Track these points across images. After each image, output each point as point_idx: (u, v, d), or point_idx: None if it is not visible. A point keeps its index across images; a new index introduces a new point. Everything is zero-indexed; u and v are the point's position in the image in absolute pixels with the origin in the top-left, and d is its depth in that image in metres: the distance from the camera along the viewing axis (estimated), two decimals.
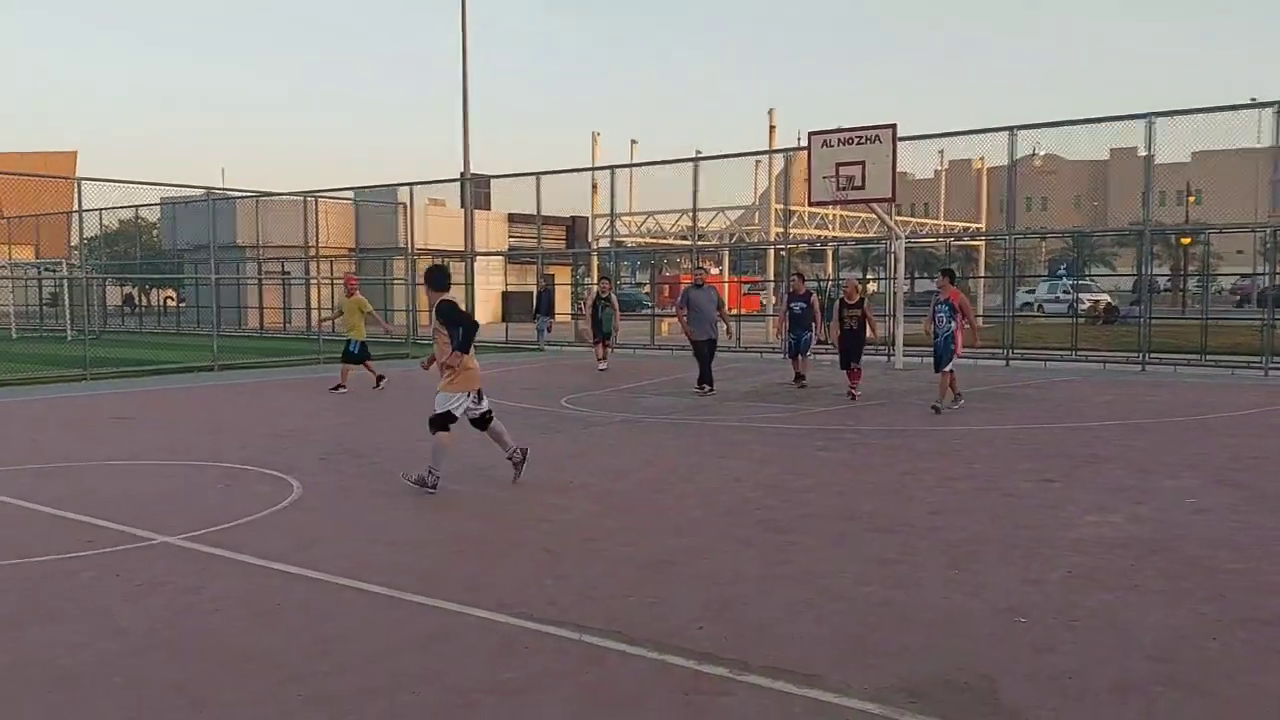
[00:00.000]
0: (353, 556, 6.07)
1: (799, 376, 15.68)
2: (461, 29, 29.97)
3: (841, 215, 34.97)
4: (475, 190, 31.43)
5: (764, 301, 32.39)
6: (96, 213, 34.39)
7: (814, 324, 15.65)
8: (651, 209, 32.06)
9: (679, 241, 32.90)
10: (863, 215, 32.98)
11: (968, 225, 42.11)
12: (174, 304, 44.23)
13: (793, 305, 15.80)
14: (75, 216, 35.51)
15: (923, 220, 45.56)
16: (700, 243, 28.51)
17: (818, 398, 14.34)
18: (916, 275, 49.96)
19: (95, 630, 4.81)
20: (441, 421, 7.93)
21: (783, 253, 28.24)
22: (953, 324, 12.50)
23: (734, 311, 25.52)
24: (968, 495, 7.79)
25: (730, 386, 15.76)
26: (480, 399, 8.14)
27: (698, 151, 26.24)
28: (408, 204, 30.12)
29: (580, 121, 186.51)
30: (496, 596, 5.27)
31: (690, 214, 26.78)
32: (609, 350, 19.81)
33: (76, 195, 22.69)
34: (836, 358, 15.09)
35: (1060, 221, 65.82)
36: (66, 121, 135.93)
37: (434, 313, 8.17)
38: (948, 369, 12.52)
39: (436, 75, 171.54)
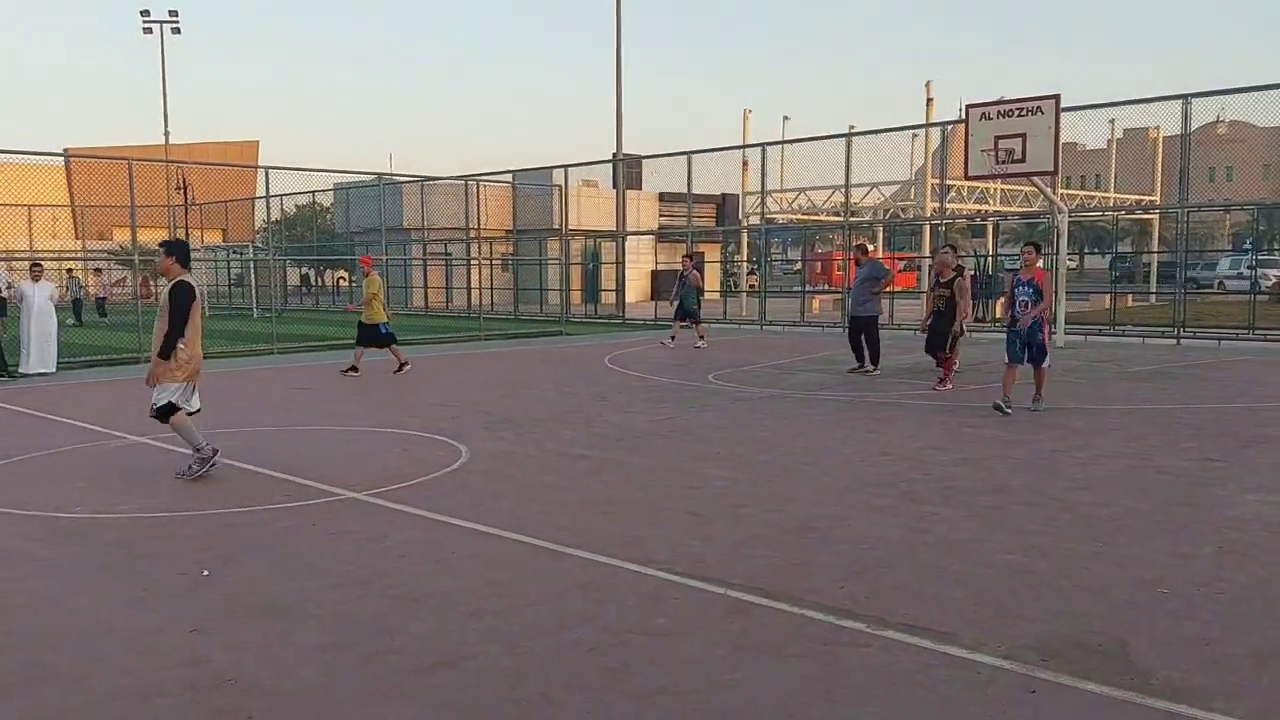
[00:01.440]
0: (516, 514, 6.58)
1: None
2: (616, 12, 30.54)
3: (1003, 189, 33.86)
4: (627, 170, 32.05)
5: (920, 279, 31.73)
6: (278, 199, 36.79)
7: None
8: (803, 185, 31.87)
9: (831, 218, 32.60)
10: (1026, 189, 31.84)
11: (1140, 198, 39.98)
12: (345, 284, 46.82)
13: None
14: (259, 202, 38.19)
15: (1091, 193, 43.52)
16: (853, 219, 28.20)
17: (970, 376, 14.15)
18: (1086, 250, 47.75)
19: (297, 570, 5.45)
20: (165, 413, 7.61)
21: (940, 228, 27.66)
22: (1038, 308, 10.64)
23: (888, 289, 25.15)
24: (1121, 472, 7.69)
25: (881, 363, 15.69)
26: (192, 394, 7.74)
27: (851, 127, 25.95)
28: (562, 185, 30.96)
29: (732, 99, 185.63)
30: (646, 553, 5.66)
31: (843, 190, 26.54)
32: (673, 339, 19.36)
33: (264, 182, 24.42)
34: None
35: (1248, 193, 61.39)
36: (249, 111, 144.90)
37: (169, 292, 7.57)
38: (1046, 364, 10.78)
39: (591, 58, 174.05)
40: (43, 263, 16.31)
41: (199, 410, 7.91)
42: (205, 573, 5.36)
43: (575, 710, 3.73)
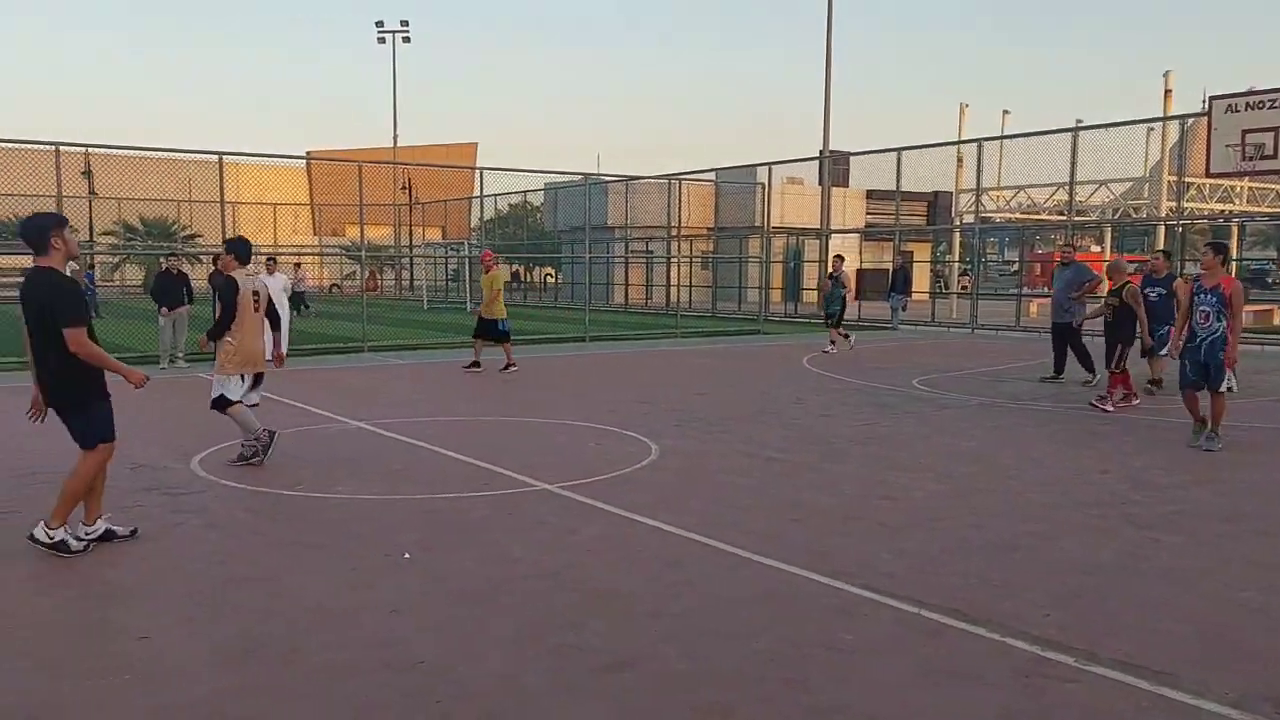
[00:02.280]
0: (702, 514, 6.54)
1: (1152, 381, 12.51)
2: (828, 8, 30.00)
3: (1250, 187, 30.95)
4: (833, 167, 31.43)
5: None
6: (492, 198, 38.46)
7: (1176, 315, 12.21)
8: (1023, 182, 30.23)
9: (1053, 217, 30.78)
10: (1278, 187, 28.96)
11: None
12: (552, 280, 48.39)
13: (1148, 291, 12.12)
14: (475, 202, 40.06)
15: None
16: (1078, 219, 26.47)
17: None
18: None
19: (492, 558, 5.62)
20: (221, 405, 7.92)
21: (1175, 229, 25.59)
22: (1222, 324, 8.79)
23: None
24: None
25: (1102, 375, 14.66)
26: (256, 385, 8.14)
27: (1078, 120, 24.30)
28: (766, 183, 30.72)
29: (947, 92, 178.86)
30: (834, 564, 5.48)
31: (1067, 187, 24.96)
32: (847, 337, 18.68)
33: (480, 183, 25.57)
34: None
35: None
36: (469, 114, 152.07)
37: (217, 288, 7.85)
38: (1223, 388, 8.88)
39: (799, 52, 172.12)
40: (276, 257, 17.67)
41: (257, 404, 8.35)
42: (406, 555, 5.62)
43: None
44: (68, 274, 5.61)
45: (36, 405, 5.66)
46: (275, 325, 8.81)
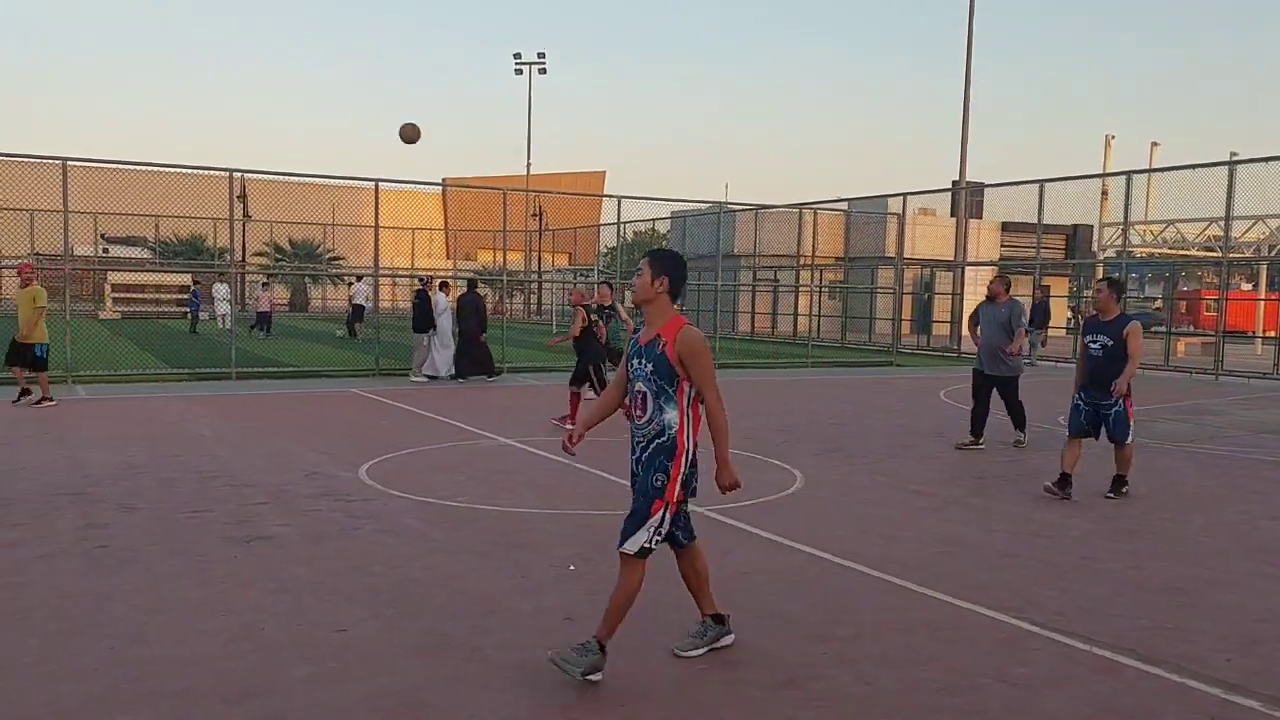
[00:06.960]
0: (854, 543, 6.57)
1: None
2: (967, 37, 29.61)
3: None
4: (968, 198, 30.86)
5: None
6: (622, 225, 39.11)
7: None
8: (1172, 216, 29.06)
9: (1203, 253, 29.50)
10: None
11: None
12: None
13: (1086, 340, 9.25)
14: (602, 228, 40.81)
15: None
16: (1232, 255, 25.27)
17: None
18: None
19: (651, 575, 5.72)
20: None
21: None
22: (668, 415, 5.03)
23: (1270, 334, 22.27)
24: None
25: (1267, 417, 14.03)
26: None
27: (1232, 153, 23.27)
28: (900, 213, 30.38)
29: (1090, 123, 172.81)
30: (996, 598, 5.44)
31: (1220, 222, 23.89)
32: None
33: (614, 211, 26.12)
34: None
35: None
36: (597, 142, 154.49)
37: None
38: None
39: (934, 80, 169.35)
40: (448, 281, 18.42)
41: None
42: (571, 567, 5.84)
43: None
44: None
45: None
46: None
